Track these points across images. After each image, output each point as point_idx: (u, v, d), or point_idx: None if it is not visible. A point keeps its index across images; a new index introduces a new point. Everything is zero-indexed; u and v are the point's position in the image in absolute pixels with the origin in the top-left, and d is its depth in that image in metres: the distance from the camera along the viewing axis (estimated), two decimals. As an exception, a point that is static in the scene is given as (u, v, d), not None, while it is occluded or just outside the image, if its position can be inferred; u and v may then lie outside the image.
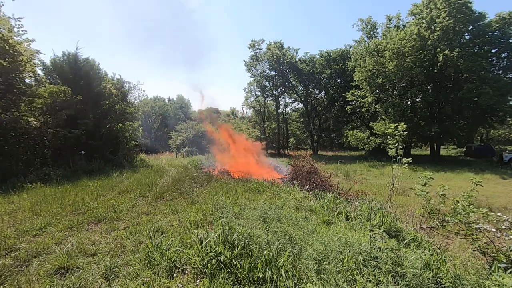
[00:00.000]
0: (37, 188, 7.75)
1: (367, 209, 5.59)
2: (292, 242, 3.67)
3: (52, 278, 3.01)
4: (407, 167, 4.99)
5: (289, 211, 5.55)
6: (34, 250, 3.64)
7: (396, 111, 23.24)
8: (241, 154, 20.17)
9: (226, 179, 10.25)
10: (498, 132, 32.46)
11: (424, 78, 22.82)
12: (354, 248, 3.27)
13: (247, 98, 40.39)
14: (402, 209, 6.86)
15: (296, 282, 2.82)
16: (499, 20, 19.86)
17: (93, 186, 8.16)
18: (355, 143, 26.79)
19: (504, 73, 20.81)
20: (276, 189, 8.15)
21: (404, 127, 5.21)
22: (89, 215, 5.26)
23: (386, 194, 6.41)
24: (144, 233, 4.21)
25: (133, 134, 17.29)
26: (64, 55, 13.96)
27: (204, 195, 7.24)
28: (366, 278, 2.77)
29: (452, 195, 4.62)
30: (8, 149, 10.03)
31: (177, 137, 29.94)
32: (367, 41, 28.95)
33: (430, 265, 3.01)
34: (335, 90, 35.49)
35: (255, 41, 35.96)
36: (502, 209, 8.19)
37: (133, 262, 3.35)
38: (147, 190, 7.68)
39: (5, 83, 10.23)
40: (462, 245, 4.51)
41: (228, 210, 5.10)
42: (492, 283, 2.62)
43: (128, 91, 20.33)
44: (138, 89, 32.99)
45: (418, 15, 22.68)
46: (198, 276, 3.09)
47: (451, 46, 20.26)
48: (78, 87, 13.32)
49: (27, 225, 4.62)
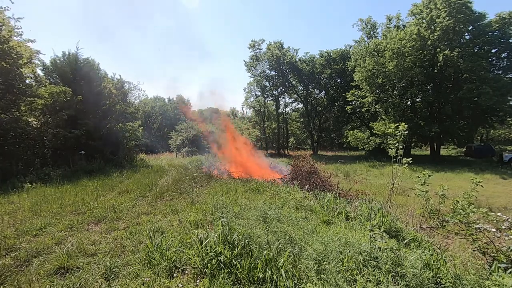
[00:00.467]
0: (37, 188, 7.75)
1: (367, 209, 5.59)
2: (292, 242, 3.67)
3: (52, 278, 3.01)
4: (407, 167, 4.99)
5: (289, 211, 5.55)
6: (34, 250, 3.64)
7: (396, 111, 23.23)
8: (241, 153, 20.15)
9: (226, 179, 10.25)
10: (498, 132, 32.46)
11: (424, 78, 22.81)
12: (354, 248, 3.27)
13: (247, 98, 40.44)
14: (402, 209, 6.86)
15: (296, 282, 2.82)
16: (499, 20, 19.86)
17: (93, 186, 8.16)
18: (355, 143, 26.79)
19: (504, 73, 20.81)
20: (276, 189, 8.14)
21: (405, 127, 5.21)
22: (89, 215, 5.26)
23: (386, 194, 6.41)
24: (144, 233, 4.21)
25: (134, 134, 17.27)
26: (64, 55, 13.97)
27: (204, 195, 7.24)
28: (366, 278, 2.77)
29: (452, 195, 4.62)
30: (8, 149, 10.04)
31: (177, 137, 29.94)
32: (367, 41, 28.95)
33: (430, 265, 3.01)
34: (335, 90, 35.50)
35: (255, 41, 35.97)
36: (502, 209, 8.19)
37: (133, 262, 3.35)
38: (147, 190, 7.68)
39: (5, 83, 10.23)
40: (462, 245, 4.51)
41: (228, 210, 5.11)
42: (492, 283, 2.62)
43: (128, 91, 20.35)
44: (138, 89, 33.02)
45: (418, 15, 22.68)
46: (198, 276, 3.09)
47: (451, 46, 20.25)
48: (78, 87, 13.33)
49: (27, 225, 4.62)
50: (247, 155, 20.09)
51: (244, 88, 40.32)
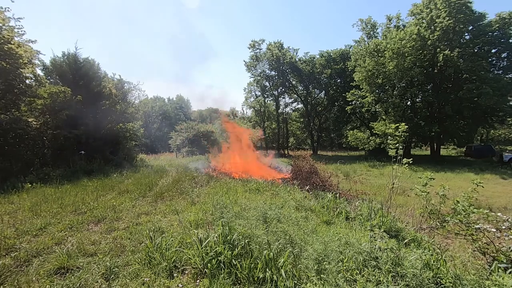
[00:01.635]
0: (37, 188, 7.75)
1: (367, 209, 5.59)
2: (292, 242, 3.67)
3: (52, 278, 3.01)
4: (407, 167, 4.99)
5: (289, 211, 5.55)
6: (34, 250, 3.64)
7: (396, 111, 23.23)
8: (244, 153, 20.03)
9: (226, 179, 10.25)
10: (498, 132, 32.45)
11: (424, 78, 22.82)
12: (354, 248, 3.27)
13: (247, 98, 40.47)
14: (402, 209, 6.85)
15: (296, 282, 2.82)
16: (499, 20, 19.86)
17: (93, 186, 8.16)
18: (355, 143, 26.79)
19: (504, 73, 20.82)
20: (276, 189, 8.14)
21: (405, 127, 5.21)
22: (89, 215, 5.26)
23: (386, 194, 6.42)
24: (144, 233, 4.21)
25: (134, 134, 17.26)
26: (64, 55, 13.98)
27: (204, 195, 7.24)
28: (366, 278, 2.77)
29: (452, 195, 4.62)
30: (8, 149, 10.04)
31: (177, 137, 29.95)
32: (367, 41, 28.96)
33: (430, 265, 3.01)
34: (335, 90, 35.49)
35: (255, 41, 35.98)
36: (502, 209, 8.18)
37: (133, 262, 3.34)
38: (147, 190, 7.67)
39: (5, 83, 10.23)
40: (462, 245, 4.50)
41: (228, 210, 5.10)
42: (492, 283, 2.62)
43: (128, 91, 20.35)
44: (138, 89, 33.04)
45: (418, 15, 22.69)
46: (198, 276, 3.09)
47: (451, 46, 20.26)
48: (78, 87, 13.33)
49: (27, 225, 4.62)
50: (251, 156, 19.97)
51: (244, 88, 40.39)
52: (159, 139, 42.04)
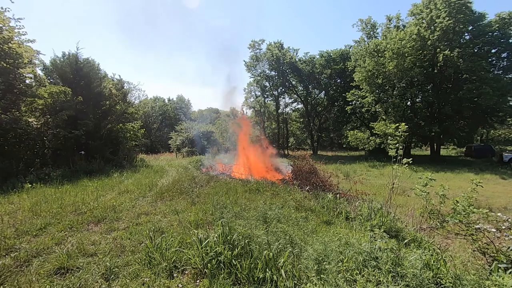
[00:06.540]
0: (37, 188, 7.74)
1: (367, 209, 5.58)
2: (292, 242, 3.68)
3: (52, 278, 3.01)
4: (407, 167, 4.99)
5: (289, 211, 5.55)
6: (34, 250, 3.64)
7: (396, 111, 23.24)
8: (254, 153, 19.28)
9: (226, 179, 10.25)
10: (498, 132, 32.47)
11: (424, 78, 22.83)
12: (354, 248, 3.27)
13: (247, 98, 40.48)
14: (402, 209, 6.85)
15: (296, 282, 2.82)
16: (499, 20, 19.88)
17: (93, 186, 8.16)
18: (355, 143, 26.80)
19: (504, 73, 20.84)
20: (276, 189, 8.14)
21: (405, 127, 5.21)
22: (89, 215, 5.25)
23: (386, 194, 6.41)
24: (144, 233, 4.21)
25: (134, 135, 17.24)
26: (64, 55, 13.97)
27: (204, 195, 7.23)
28: (366, 278, 2.77)
29: (452, 195, 4.62)
30: (8, 149, 10.03)
31: (177, 137, 29.95)
32: (367, 41, 28.98)
33: (430, 265, 3.01)
34: (335, 90, 35.51)
35: (255, 41, 36.01)
36: (502, 209, 8.19)
37: (133, 262, 3.34)
38: (147, 190, 7.67)
39: (5, 83, 10.23)
40: (462, 245, 4.50)
41: (228, 210, 5.10)
42: (492, 283, 2.62)
43: (128, 91, 20.35)
44: (138, 89, 33.06)
45: (418, 15, 22.71)
46: (198, 276, 3.09)
47: (451, 46, 20.27)
48: (78, 87, 13.33)
49: (27, 225, 4.61)
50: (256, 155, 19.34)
51: (244, 88, 40.38)
52: (159, 139, 42.05)
